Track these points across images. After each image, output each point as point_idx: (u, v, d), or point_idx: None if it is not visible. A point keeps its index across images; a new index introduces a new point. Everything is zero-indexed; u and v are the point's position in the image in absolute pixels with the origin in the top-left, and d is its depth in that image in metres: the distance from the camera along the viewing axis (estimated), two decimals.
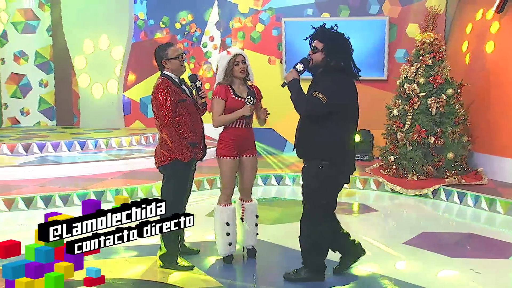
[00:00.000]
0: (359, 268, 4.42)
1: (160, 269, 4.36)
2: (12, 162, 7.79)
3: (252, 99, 4.29)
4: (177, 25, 10.33)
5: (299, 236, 4.14)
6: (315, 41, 3.90)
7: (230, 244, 4.47)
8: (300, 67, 3.92)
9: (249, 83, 4.51)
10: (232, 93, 4.36)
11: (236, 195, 4.61)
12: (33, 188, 6.76)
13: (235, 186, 4.56)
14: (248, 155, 4.48)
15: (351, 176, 4.13)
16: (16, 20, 11.07)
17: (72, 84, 11.16)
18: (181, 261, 4.39)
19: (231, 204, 4.50)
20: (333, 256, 4.31)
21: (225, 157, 4.39)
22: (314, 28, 3.97)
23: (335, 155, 3.89)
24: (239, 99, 4.36)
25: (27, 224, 5.86)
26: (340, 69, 3.86)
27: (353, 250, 4.32)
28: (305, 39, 4.03)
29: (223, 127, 4.46)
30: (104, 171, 7.74)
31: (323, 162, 3.88)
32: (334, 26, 3.96)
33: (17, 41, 11.14)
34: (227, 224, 4.42)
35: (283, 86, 4.02)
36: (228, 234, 4.43)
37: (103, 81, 10.71)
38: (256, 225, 4.62)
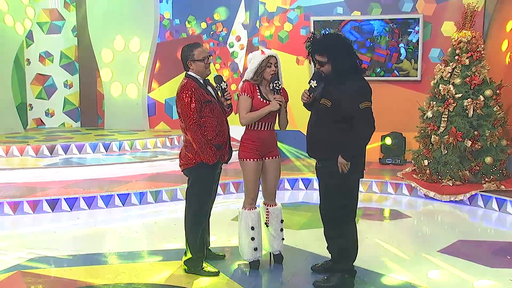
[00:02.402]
0: (391, 277, 4.31)
1: (185, 274, 4.32)
2: (37, 164, 7.79)
3: (279, 83, 4.21)
4: (203, 25, 10.24)
5: (327, 242, 4.12)
6: (316, 55, 3.90)
7: (255, 249, 4.40)
8: (314, 83, 3.93)
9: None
10: (259, 94, 4.29)
11: (260, 200, 4.53)
12: (57, 190, 6.75)
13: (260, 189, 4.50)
14: (270, 157, 4.41)
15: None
16: (41, 21, 11.12)
17: (97, 85, 11.17)
18: (206, 266, 4.35)
19: (256, 208, 4.43)
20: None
21: (248, 160, 4.32)
22: (309, 41, 4.00)
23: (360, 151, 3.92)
24: (265, 101, 4.29)
25: (51, 226, 5.88)
26: (351, 71, 3.84)
27: None
28: (307, 57, 4.09)
29: (244, 130, 4.39)
30: (129, 173, 7.71)
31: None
32: (324, 31, 4.04)
33: (42, 42, 11.23)
34: (252, 228, 4.36)
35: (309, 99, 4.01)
36: (253, 239, 4.37)
37: (128, 82, 10.66)
38: (282, 230, 4.54)
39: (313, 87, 3.92)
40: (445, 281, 4.29)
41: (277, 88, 4.22)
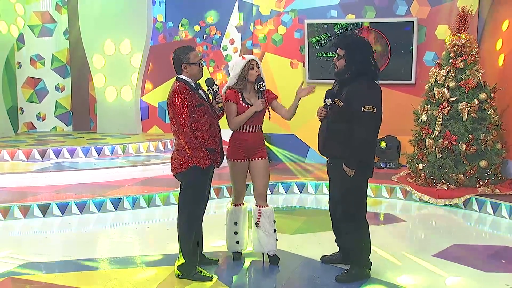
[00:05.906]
0: (386, 281, 4.31)
1: (177, 280, 4.29)
2: (28, 168, 7.71)
3: (263, 84, 4.45)
4: (197, 28, 10.17)
5: (344, 236, 4.33)
6: (338, 48, 4.20)
7: (237, 242, 4.70)
8: (328, 101, 4.20)
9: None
10: (241, 99, 4.51)
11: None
12: (49, 195, 6.69)
13: (246, 188, 4.76)
14: (257, 158, 4.56)
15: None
16: (32, 23, 11.01)
17: (89, 89, 11.07)
18: (200, 271, 4.33)
19: (242, 204, 4.70)
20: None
21: (231, 160, 4.57)
22: (336, 35, 4.26)
23: (365, 153, 4.14)
24: (248, 105, 4.50)
25: (43, 232, 5.84)
26: (363, 73, 4.09)
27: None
28: (330, 48, 4.30)
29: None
30: (121, 177, 7.65)
31: None
32: (354, 31, 4.24)
33: (33, 45, 11.09)
34: (235, 223, 4.66)
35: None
36: (236, 233, 4.68)
37: (120, 85, 10.58)
38: (275, 231, 4.60)
39: (328, 104, 4.18)
40: (440, 286, 4.27)
41: (261, 89, 4.44)
